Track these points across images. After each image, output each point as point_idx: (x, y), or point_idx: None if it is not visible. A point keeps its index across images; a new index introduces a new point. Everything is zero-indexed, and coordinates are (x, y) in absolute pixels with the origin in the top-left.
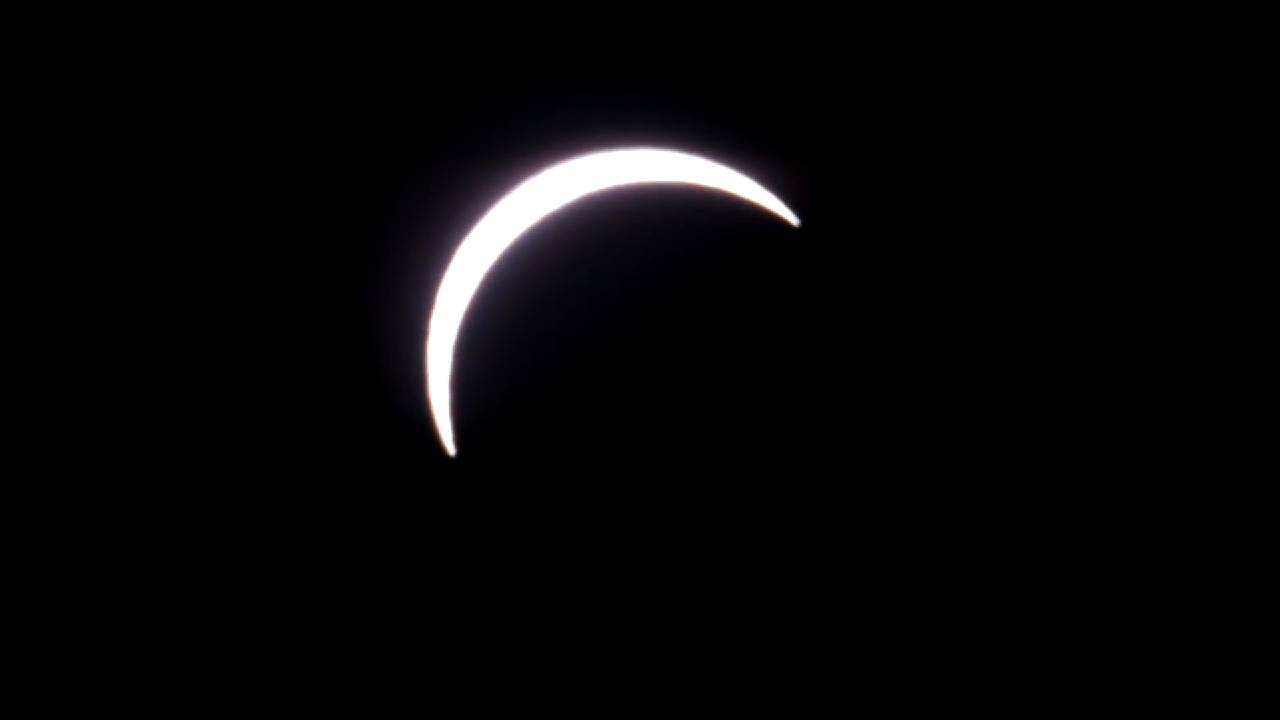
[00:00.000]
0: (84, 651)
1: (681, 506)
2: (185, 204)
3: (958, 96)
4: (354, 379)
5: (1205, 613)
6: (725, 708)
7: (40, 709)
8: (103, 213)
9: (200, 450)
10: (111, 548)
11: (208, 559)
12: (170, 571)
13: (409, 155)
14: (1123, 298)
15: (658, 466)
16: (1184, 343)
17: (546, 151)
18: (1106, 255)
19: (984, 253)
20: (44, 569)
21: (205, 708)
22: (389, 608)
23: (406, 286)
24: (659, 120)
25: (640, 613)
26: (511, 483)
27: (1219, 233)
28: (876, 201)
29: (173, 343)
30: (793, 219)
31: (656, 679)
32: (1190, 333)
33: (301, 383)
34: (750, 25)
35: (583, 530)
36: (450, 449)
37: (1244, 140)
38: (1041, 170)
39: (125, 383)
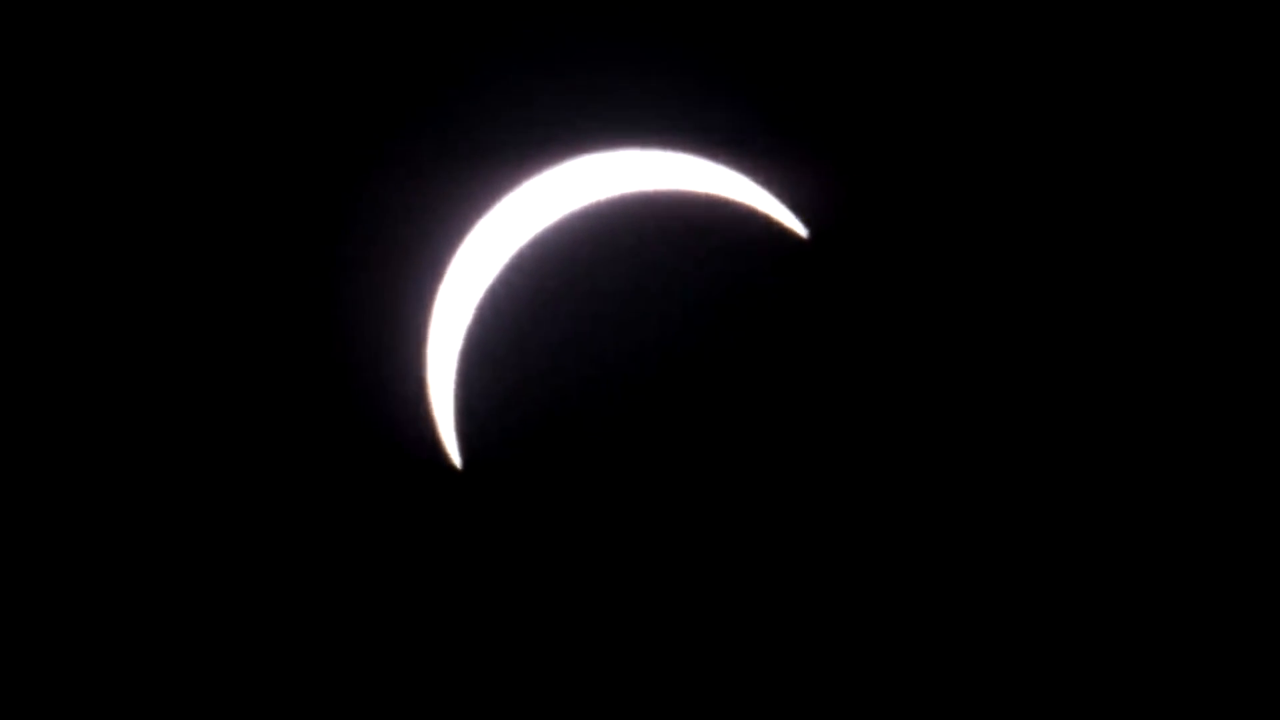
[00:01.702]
0: (61, 683)
1: (694, 521)
2: (166, 208)
3: (981, 101)
4: (352, 389)
5: (1208, 615)
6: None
7: None
8: (87, 217)
9: (187, 476)
10: (102, 577)
11: (203, 588)
12: (165, 600)
13: (404, 154)
14: (1155, 317)
15: (668, 480)
16: (1213, 365)
17: (541, 154)
18: (1137, 272)
19: (1007, 271)
20: (16, 593)
21: None
22: (398, 630)
23: (405, 292)
24: (658, 121)
25: (658, 632)
26: (521, 495)
27: (1243, 249)
28: (892, 212)
29: (152, 359)
30: (801, 230)
31: (676, 703)
32: (1220, 355)
33: (296, 392)
34: (757, 20)
35: (596, 544)
36: (456, 462)
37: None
38: (1068, 183)
39: (106, 400)
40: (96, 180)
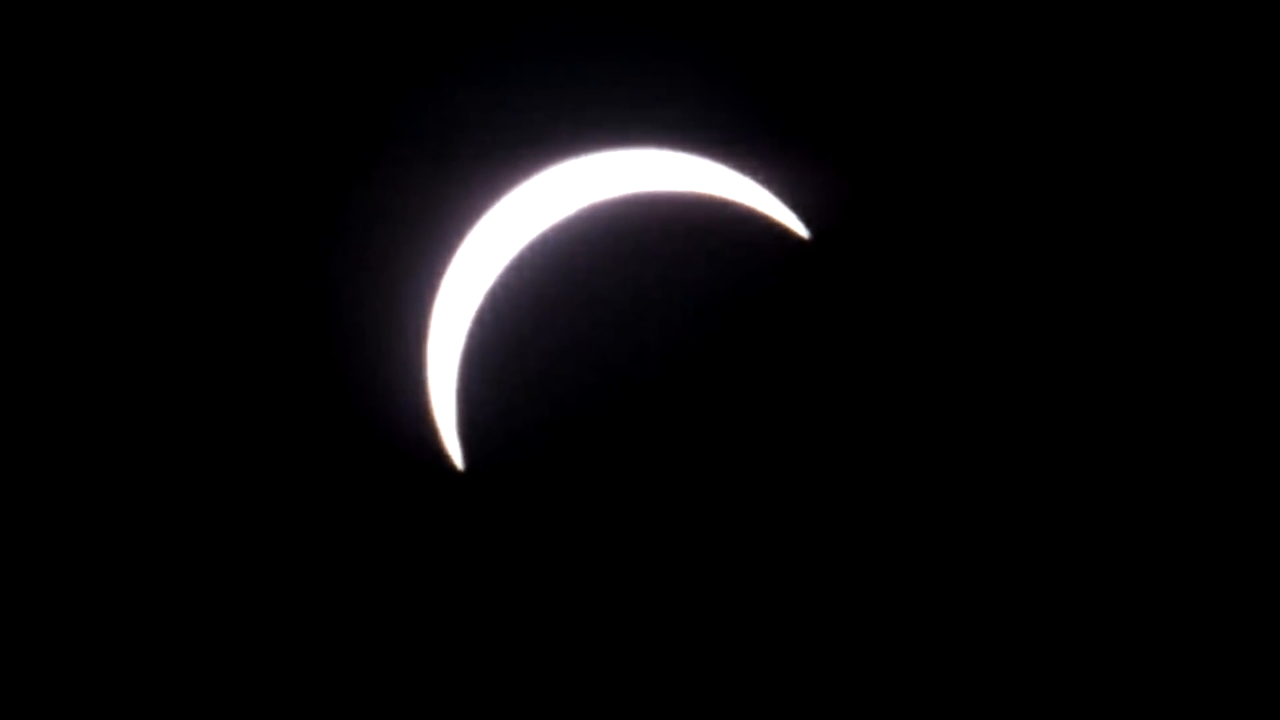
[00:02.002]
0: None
1: (696, 523)
2: (165, 209)
3: (982, 102)
4: (352, 391)
5: (1209, 615)
6: None
7: None
8: (85, 219)
9: (186, 479)
10: (101, 580)
11: (203, 591)
12: (165, 604)
13: (403, 154)
14: (1157, 318)
15: (669, 482)
16: (1214, 366)
17: (541, 154)
18: (1138, 273)
19: (1009, 272)
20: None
21: None
22: (399, 633)
23: (405, 293)
24: (658, 121)
25: (660, 635)
26: (523, 498)
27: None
28: (895, 212)
29: (151, 361)
30: (803, 230)
31: (676, 704)
32: (1220, 356)
33: (296, 394)
34: (757, 20)
35: (599, 547)
36: (458, 464)
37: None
38: (1071, 184)
39: (104, 402)
40: (95, 182)
